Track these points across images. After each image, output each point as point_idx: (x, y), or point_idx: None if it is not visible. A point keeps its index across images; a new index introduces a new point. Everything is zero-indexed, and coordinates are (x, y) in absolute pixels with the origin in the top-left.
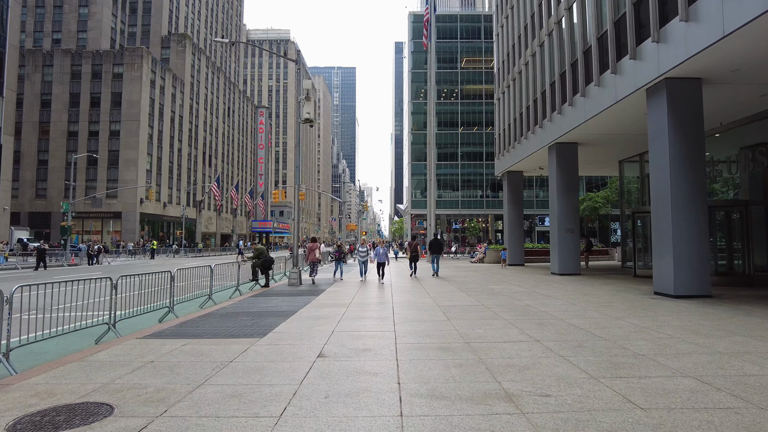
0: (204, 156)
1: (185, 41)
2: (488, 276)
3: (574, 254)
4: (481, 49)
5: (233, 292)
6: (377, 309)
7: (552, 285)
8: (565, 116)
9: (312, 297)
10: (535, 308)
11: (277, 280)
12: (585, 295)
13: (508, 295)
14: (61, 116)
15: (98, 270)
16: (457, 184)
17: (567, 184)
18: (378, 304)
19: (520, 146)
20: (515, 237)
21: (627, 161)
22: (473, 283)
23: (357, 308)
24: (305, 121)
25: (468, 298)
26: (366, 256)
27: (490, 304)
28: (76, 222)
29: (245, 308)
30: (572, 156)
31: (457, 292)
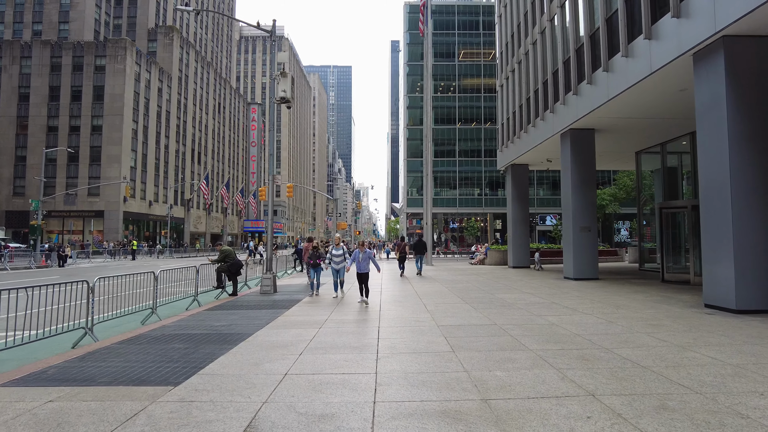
0: (193, 153)
1: (173, 34)
2: (493, 281)
3: (591, 256)
4: (479, 41)
5: (191, 303)
6: (358, 331)
7: (571, 293)
8: (583, 97)
9: (280, 311)
10: (565, 329)
11: (252, 286)
12: (618, 308)
13: (523, 309)
14: (41, 110)
15: (58, 273)
16: (455, 181)
17: (583, 177)
18: (360, 323)
19: (526, 135)
20: (520, 236)
21: (645, 152)
22: (477, 290)
23: (332, 330)
24: (281, 101)
25: (475, 314)
26: (342, 263)
27: (504, 322)
28: (56, 221)
29: (190, 327)
30: (589, 144)
31: (461, 304)
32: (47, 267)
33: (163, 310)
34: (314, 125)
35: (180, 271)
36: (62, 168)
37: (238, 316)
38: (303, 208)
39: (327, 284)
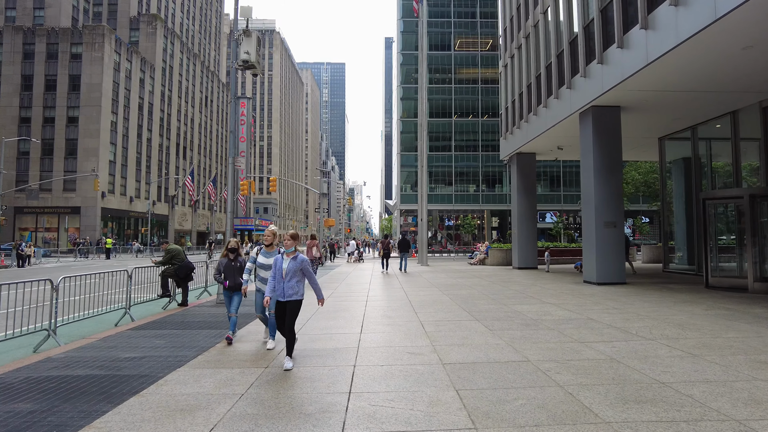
0: (178, 147)
1: (156, 23)
2: (501, 286)
3: (617, 257)
4: (476, 30)
5: (121, 317)
6: (316, 377)
7: (604, 304)
8: (610, 65)
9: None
10: (635, 371)
11: (215, 293)
12: (682, 328)
13: (554, 329)
14: (12, 100)
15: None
16: (451, 177)
17: (607, 162)
18: (327, 355)
19: (535, 119)
20: (526, 234)
21: (670, 138)
22: (485, 299)
23: (276, 375)
24: (244, 66)
25: (492, 339)
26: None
27: (538, 356)
28: (29, 218)
29: (82, 362)
30: (614, 123)
31: (469, 322)
32: (6, 267)
33: (83, 326)
34: (307, 122)
35: (112, 274)
36: (35, 162)
37: (166, 341)
38: (295, 206)
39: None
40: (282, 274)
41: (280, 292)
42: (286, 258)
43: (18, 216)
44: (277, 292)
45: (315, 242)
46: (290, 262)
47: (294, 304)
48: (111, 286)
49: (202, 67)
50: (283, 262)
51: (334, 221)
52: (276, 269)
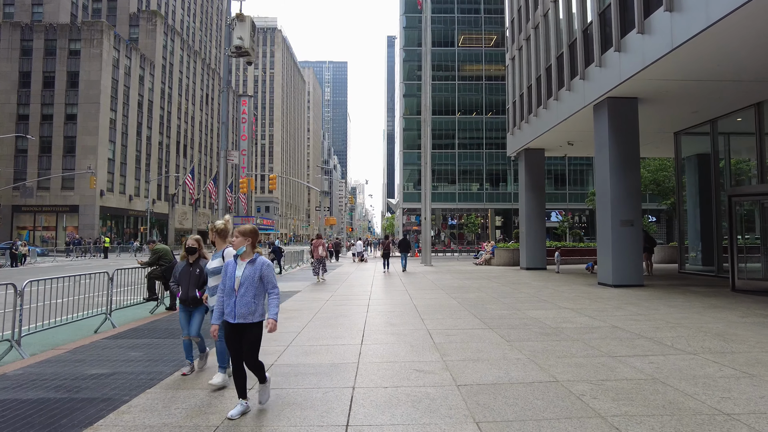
0: (178, 145)
1: (156, 19)
2: (511, 289)
3: (635, 258)
4: (480, 25)
5: (102, 323)
6: (317, 390)
7: (627, 309)
8: (630, 53)
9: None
10: (688, 396)
11: None
12: (724, 339)
13: (578, 340)
14: (10, 97)
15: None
16: (454, 175)
17: (624, 156)
18: (322, 374)
19: (546, 113)
20: (535, 233)
21: (686, 133)
22: (496, 303)
23: (275, 386)
24: (237, 53)
25: (510, 352)
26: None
27: (567, 375)
28: (27, 216)
29: (39, 381)
30: (631, 116)
31: (482, 331)
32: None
33: (59, 334)
34: (309, 121)
35: (89, 277)
36: (33, 160)
37: (143, 353)
38: (296, 205)
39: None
40: (234, 285)
41: (230, 310)
42: (241, 262)
43: (16, 214)
44: (227, 310)
45: (321, 241)
46: (246, 269)
47: (252, 331)
48: (96, 288)
49: (203, 64)
50: (236, 267)
51: (335, 220)
52: (225, 278)
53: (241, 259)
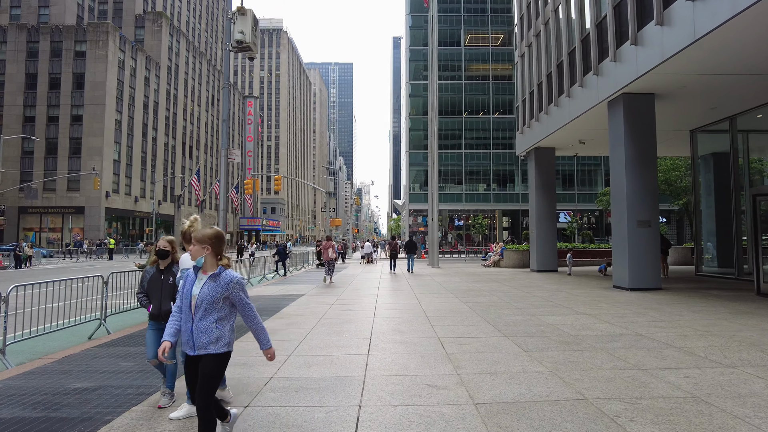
0: (184, 146)
1: (161, 20)
2: (524, 292)
3: (652, 260)
4: (486, 25)
5: (96, 329)
6: (319, 409)
7: (648, 315)
8: (648, 46)
9: None
10: (734, 415)
11: None
12: (761, 349)
13: (602, 350)
14: (16, 99)
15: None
16: (461, 176)
17: (641, 154)
18: (327, 386)
19: (557, 110)
20: (546, 234)
21: (703, 131)
22: (509, 308)
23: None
24: (238, 47)
25: (530, 363)
26: None
27: (595, 392)
28: (33, 218)
29: (16, 396)
30: (647, 112)
31: (497, 339)
32: (4, 269)
33: (52, 340)
34: (315, 122)
35: (87, 279)
36: (39, 161)
37: (134, 363)
38: (302, 206)
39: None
40: (190, 306)
41: (188, 337)
42: (202, 276)
43: (22, 216)
44: (184, 338)
45: (331, 243)
46: (205, 285)
47: (209, 363)
48: (92, 291)
49: (208, 65)
50: (195, 283)
51: (341, 221)
52: (181, 296)
53: (202, 272)
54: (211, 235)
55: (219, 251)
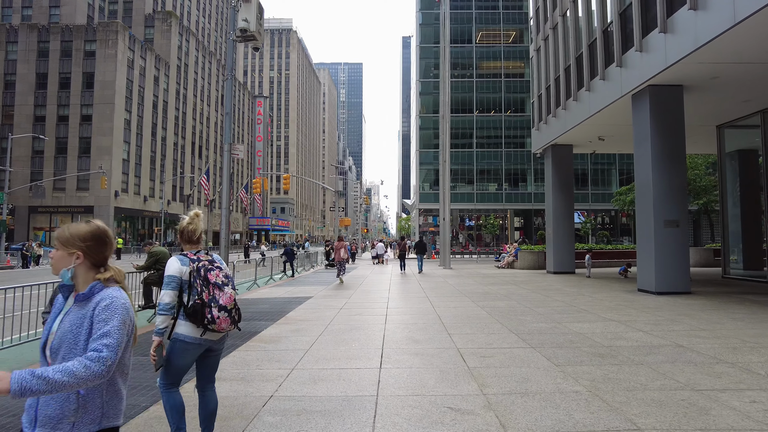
0: (193, 146)
1: (170, 20)
2: (543, 296)
3: (681, 262)
4: (498, 22)
5: None
6: None
7: (684, 322)
8: (679, 33)
9: None
10: None
11: None
12: None
13: (644, 365)
14: (27, 99)
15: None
16: (472, 175)
17: (669, 150)
18: (334, 408)
19: (576, 105)
20: (563, 234)
21: (730, 126)
22: (531, 313)
23: None
24: (242, 37)
25: (565, 383)
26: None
27: (644, 417)
28: (43, 217)
29: None
30: (676, 105)
31: (522, 350)
32: (11, 268)
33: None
34: (324, 122)
35: None
36: (50, 160)
37: None
38: (312, 206)
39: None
40: (44, 348)
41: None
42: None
43: (32, 215)
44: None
45: (344, 243)
46: (69, 315)
47: None
48: None
49: (218, 65)
50: (62, 309)
51: (350, 221)
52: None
53: (74, 293)
54: (84, 233)
55: (98, 259)
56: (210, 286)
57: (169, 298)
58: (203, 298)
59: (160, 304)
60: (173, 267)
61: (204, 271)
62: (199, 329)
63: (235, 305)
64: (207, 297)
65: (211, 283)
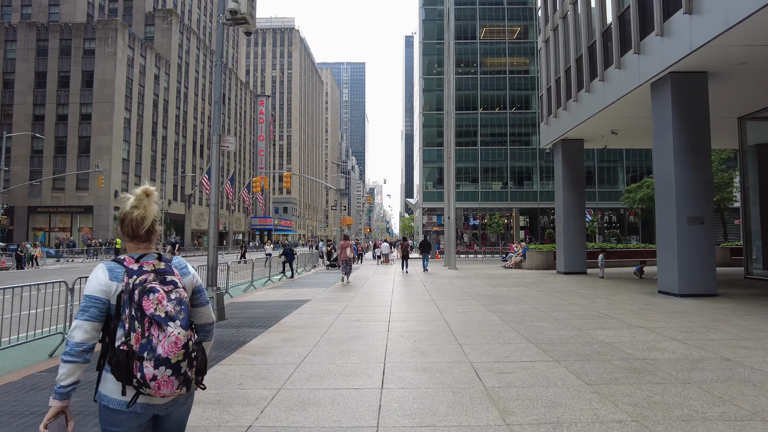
0: (194, 145)
1: (171, 18)
2: (557, 298)
3: (707, 262)
4: (503, 17)
5: (58, 345)
6: None
7: (721, 330)
8: (706, 13)
9: None
10: None
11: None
12: None
13: (691, 384)
14: (26, 98)
15: None
16: (476, 173)
17: (692, 142)
18: None
19: (588, 97)
20: (574, 232)
21: (753, 118)
22: (548, 319)
23: None
24: (233, 19)
25: (603, 410)
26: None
27: None
28: (43, 218)
29: None
30: (700, 94)
31: (547, 367)
32: (6, 269)
33: (7, 357)
34: (327, 121)
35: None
36: (49, 160)
37: (79, 398)
38: (315, 206)
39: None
40: None
41: None
42: None
43: (32, 216)
44: None
45: (350, 243)
46: None
47: None
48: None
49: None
50: None
51: (351, 220)
52: None
53: None
54: None
55: None
56: (145, 321)
57: (83, 334)
58: (131, 342)
59: (68, 343)
60: (95, 282)
61: (139, 293)
62: (129, 390)
63: (189, 353)
64: (137, 341)
65: (147, 315)
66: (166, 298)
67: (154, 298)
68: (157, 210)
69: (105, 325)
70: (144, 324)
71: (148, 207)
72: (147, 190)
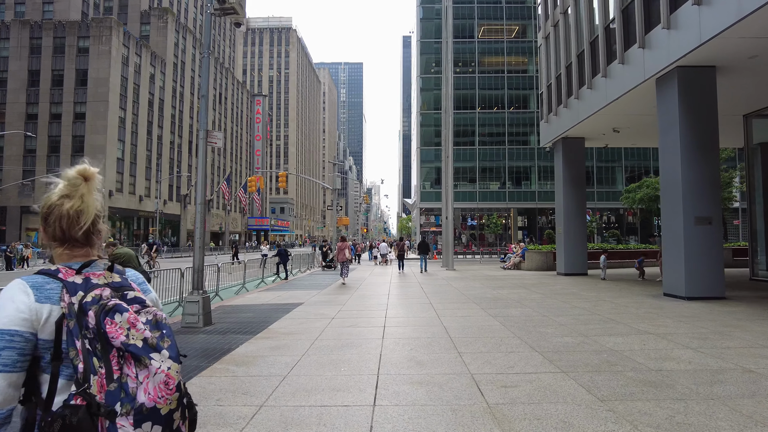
0: (190, 145)
1: (167, 16)
2: (559, 301)
3: (715, 264)
4: (501, 16)
5: None
6: None
7: (735, 336)
8: (716, 4)
9: None
10: None
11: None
12: None
13: (715, 400)
14: (19, 96)
15: None
16: (474, 173)
17: (700, 137)
18: None
19: (589, 94)
20: (575, 233)
21: (759, 116)
22: (552, 324)
23: None
24: (222, 11)
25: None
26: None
27: None
28: (35, 218)
29: None
30: (708, 89)
31: (555, 380)
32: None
33: None
34: (324, 121)
35: None
36: (42, 159)
37: None
38: (312, 206)
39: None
40: None
41: None
42: None
43: (24, 216)
44: None
45: (347, 244)
46: None
47: None
48: None
49: (215, 63)
50: None
51: (348, 220)
52: None
53: None
54: None
55: None
56: (111, 356)
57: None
58: (90, 391)
59: None
60: (11, 308)
61: (96, 314)
62: None
63: (182, 398)
64: (101, 387)
65: (114, 346)
66: (144, 322)
67: (122, 321)
68: (100, 202)
69: (29, 376)
70: (110, 360)
71: (87, 197)
72: (85, 172)
